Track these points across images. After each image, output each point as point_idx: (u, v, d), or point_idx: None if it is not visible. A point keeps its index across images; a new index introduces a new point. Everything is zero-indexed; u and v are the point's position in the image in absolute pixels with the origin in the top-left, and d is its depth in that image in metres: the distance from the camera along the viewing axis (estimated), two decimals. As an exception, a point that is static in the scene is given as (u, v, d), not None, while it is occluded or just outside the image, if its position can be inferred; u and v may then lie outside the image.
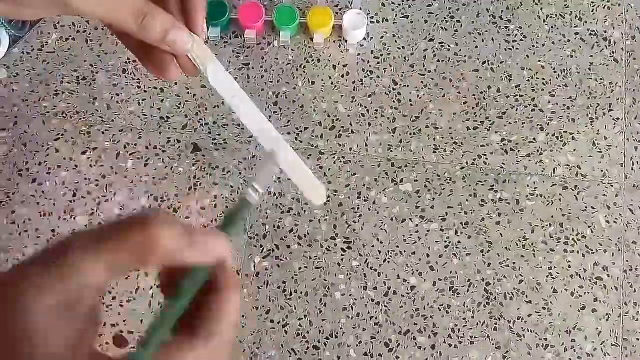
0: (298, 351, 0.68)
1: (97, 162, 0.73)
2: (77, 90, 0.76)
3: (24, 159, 0.73)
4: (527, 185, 0.73)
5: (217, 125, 0.75)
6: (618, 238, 0.71)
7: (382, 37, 0.79)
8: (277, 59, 0.77)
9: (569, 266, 0.71)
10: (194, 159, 0.74)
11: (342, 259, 0.71)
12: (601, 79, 0.77)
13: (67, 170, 0.73)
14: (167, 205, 0.72)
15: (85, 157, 0.74)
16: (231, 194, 0.72)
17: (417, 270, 0.70)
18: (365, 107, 0.76)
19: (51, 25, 0.78)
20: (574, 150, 0.75)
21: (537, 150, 0.75)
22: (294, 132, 0.75)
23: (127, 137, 0.74)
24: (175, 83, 0.76)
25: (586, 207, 0.73)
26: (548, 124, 0.76)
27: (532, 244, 0.71)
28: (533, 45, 0.79)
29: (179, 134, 0.74)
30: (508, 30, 0.79)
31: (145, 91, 0.76)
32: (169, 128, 0.75)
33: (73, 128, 0.75)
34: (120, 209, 0.72)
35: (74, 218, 0.71)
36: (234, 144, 0.74)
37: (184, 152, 0.74)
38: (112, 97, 0.76)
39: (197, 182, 0.73)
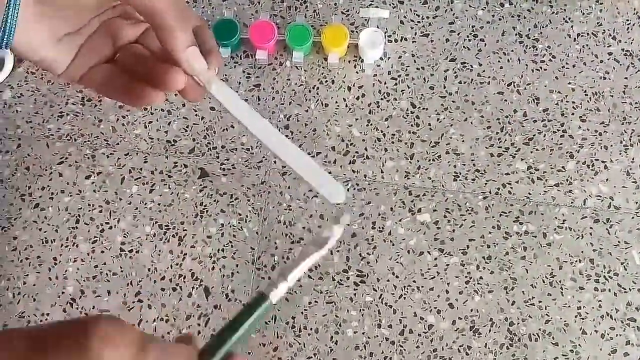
0: (307, 392, 0.64)
1: (101, 187, 0.71)
2: (83, 112, 0.73)
3: (27, 183, 0.71)
4: (556, 218, 0.68)
5: (225, 149, 0.71)
6: (654, 276, 0.66)
7: (400, 57, 0.74)
8: (289, 79, 0.74)
9: (600, 306, 0.66)
10: (201, 184, 0.70)
11: (355, 294, 0.67)
12: (636, 102, 0.72)
13: (71, 196, 0.70)
14: (172, 233, 0.69)
15: (89, 182, 0.71)
16: (239, 223, 0.69)
17: (435, 307, 0.66)
18: (382, 132, 0.72)
19: (57, 43, 0.75)
20: (607, 180, 0.70)
21: (567, 180, 0.70)
22: (306, 158, 0.71)
23: (132, 161, 0.72)
24: (184, 105, 0.73)
25: (619, 242, 0.67)
26: (578, 152, 0.71)
27: (560, 281, 0.66)
28: (563, 67, 0.73)
29: (186, 159, 0.71)
30: (536, 50, 0.74)
31: (152, 113, 0.73)
32: (175, 152, 0.72)
33: (77, 151, 0.72)
34: (124, 236, 0.69)
35: (77, 246, 0.69)
36: (242, 169, 0.71)
37: (191, 177, 0.71)
38: (118, 119, 0.73)
39: (204, 209, 0.70)
